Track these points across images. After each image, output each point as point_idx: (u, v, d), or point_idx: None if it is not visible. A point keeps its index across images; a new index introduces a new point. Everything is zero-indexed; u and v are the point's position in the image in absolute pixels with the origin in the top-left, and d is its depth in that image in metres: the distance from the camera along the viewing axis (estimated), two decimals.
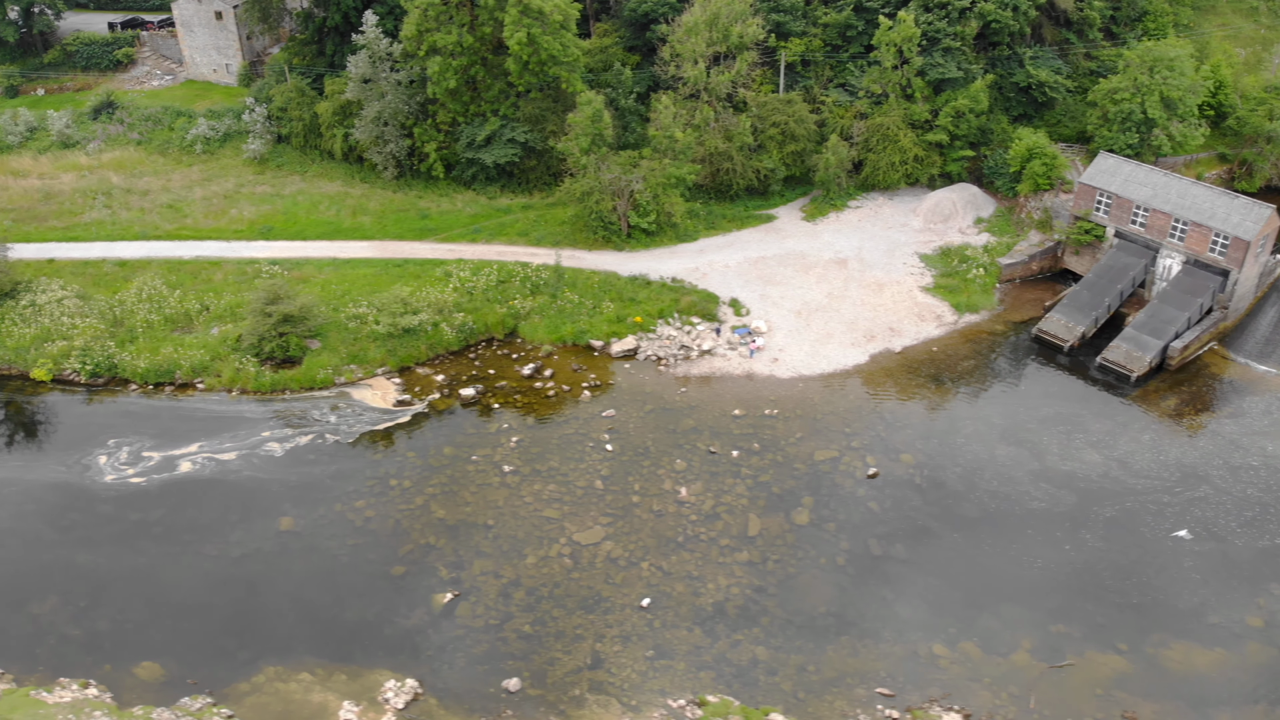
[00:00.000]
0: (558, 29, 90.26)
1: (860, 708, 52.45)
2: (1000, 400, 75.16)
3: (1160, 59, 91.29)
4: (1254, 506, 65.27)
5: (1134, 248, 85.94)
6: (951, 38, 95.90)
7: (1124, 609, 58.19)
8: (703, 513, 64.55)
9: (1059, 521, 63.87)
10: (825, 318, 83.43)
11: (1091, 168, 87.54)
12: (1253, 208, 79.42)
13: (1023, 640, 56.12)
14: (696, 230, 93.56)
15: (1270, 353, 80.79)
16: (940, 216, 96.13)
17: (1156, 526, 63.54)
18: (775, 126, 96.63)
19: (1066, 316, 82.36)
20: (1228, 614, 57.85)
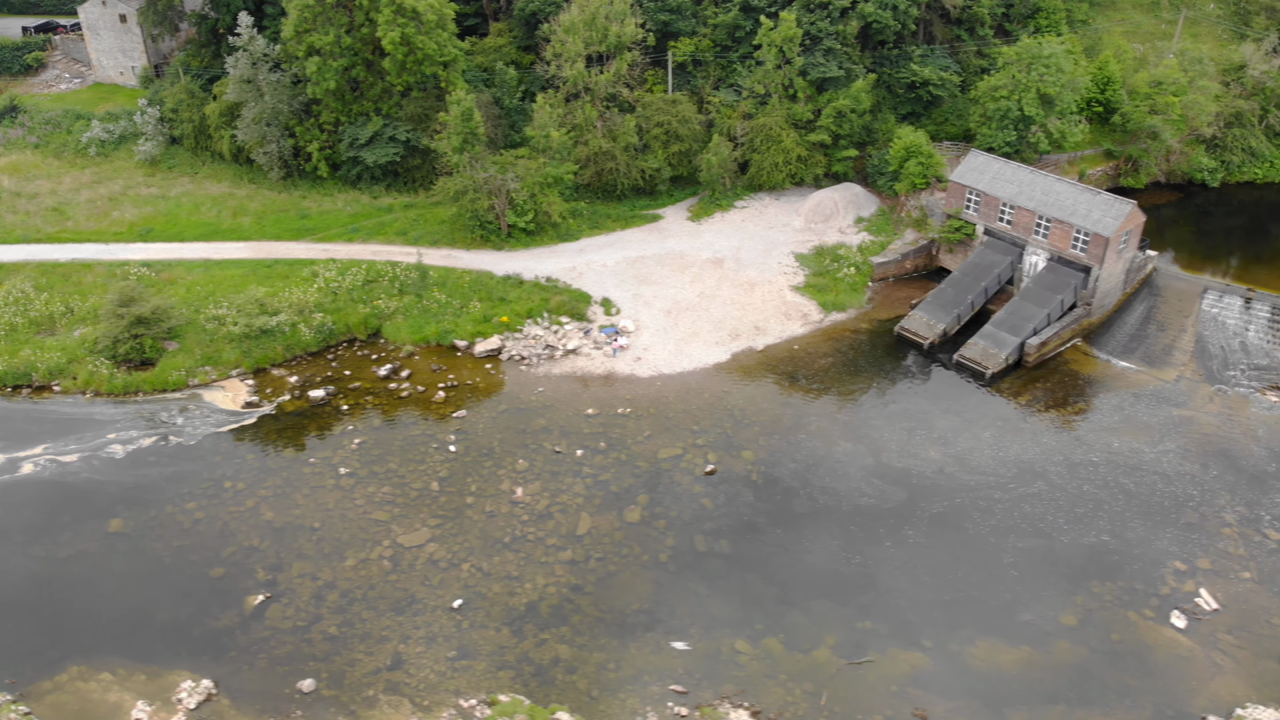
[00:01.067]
0: (433, 28, 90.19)
1: (651, 705, 52.37)
2: (850, 397, 75.19)
3: (1037, 56, 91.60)
4: (1087, 503, 65.38)
5: (1001, 245, 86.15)
6: (833, 38, 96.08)
7: (935, 605, 58.18)
8: (535, 513, 64.43)
9: (885, 518, 63.91)
10: (694, 317, 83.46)
11: (961, 166, 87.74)
12: (1113, 204, 79.62)
13: (827, 637, 56.05)
14: (579, 230, 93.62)
15: (1133, 349, 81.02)
16: (821, 216, 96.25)
17: (982, 523, 63.60)
18: (659, 126, 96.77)
19: (928, 314, 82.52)
20: (1041, 611, 57.87)
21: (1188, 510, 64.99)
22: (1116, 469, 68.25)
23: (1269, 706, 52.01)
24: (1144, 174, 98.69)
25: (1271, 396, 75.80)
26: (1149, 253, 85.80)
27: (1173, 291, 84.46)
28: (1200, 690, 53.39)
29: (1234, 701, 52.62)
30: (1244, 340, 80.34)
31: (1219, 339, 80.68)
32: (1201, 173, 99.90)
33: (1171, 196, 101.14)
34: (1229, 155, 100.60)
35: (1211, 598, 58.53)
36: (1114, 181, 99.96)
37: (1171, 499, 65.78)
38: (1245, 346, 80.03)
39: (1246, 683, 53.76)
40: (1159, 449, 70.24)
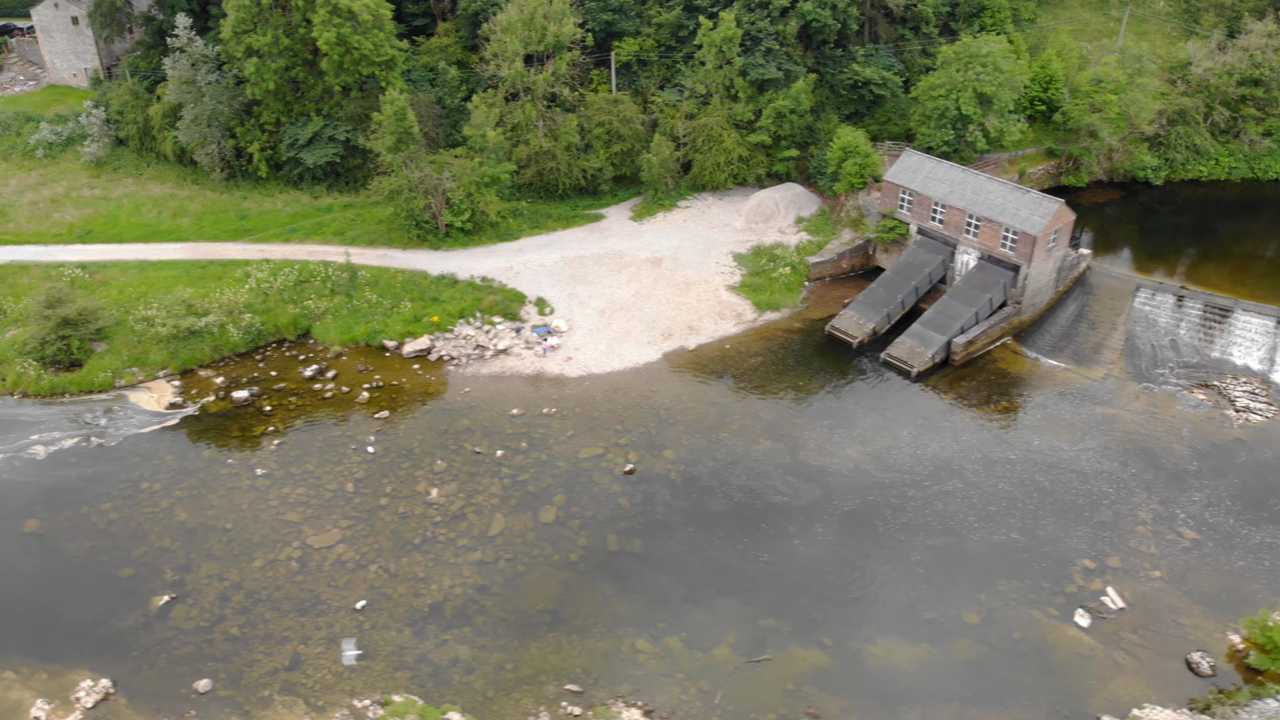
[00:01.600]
0: (369, 28, 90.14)
1: (545, 705, 52.36)
2: (776, 396, 75.17)
3: (975, 55, 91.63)
4: (1000, 501, 65.45)
5: (933, 244, 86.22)
6: (773, 38, 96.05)
7: (840, 603, 58.24)
8: (449, 514, 64.40)
9: (796, 516, 63.94)
10: (628, 316, 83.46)
11: (896, 165, 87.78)
12: (1041, 202, 79.67)
13: (728, 635, 56.06)
14: (519, 230, 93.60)
15: (1063, 348, 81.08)
16: (762, 216, 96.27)
17: (893, 521, 63.66)
18: (601, 126, 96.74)
19: (859, 313, 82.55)
20: (945, 609, 57.91)
21: (1102, 508, 65.06)
22: (1034, 467, 68.32)
23: (1167, 707, 52.00)
24: (1085, 172, 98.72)
25: (1199, 395, 75.88)
26: (1082, 251, 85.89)
27: (1106, 290, 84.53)
28: (1099, 690, 53.41)
29: (1132, 702, 52.65)
30: (1175, 338, 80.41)
31: (1150, 337, 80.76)
32: (1144, 171, 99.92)
33: (1114, 195, 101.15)
34: (1173, 153, 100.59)
35: (1118, 596, 58.59)
36: (1055, 180, 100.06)
37: (1087, 497, 65.85)
38: (1176, 345, 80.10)
39: (1147, 683, 53.80)
40: (1079, 447, 70.31)
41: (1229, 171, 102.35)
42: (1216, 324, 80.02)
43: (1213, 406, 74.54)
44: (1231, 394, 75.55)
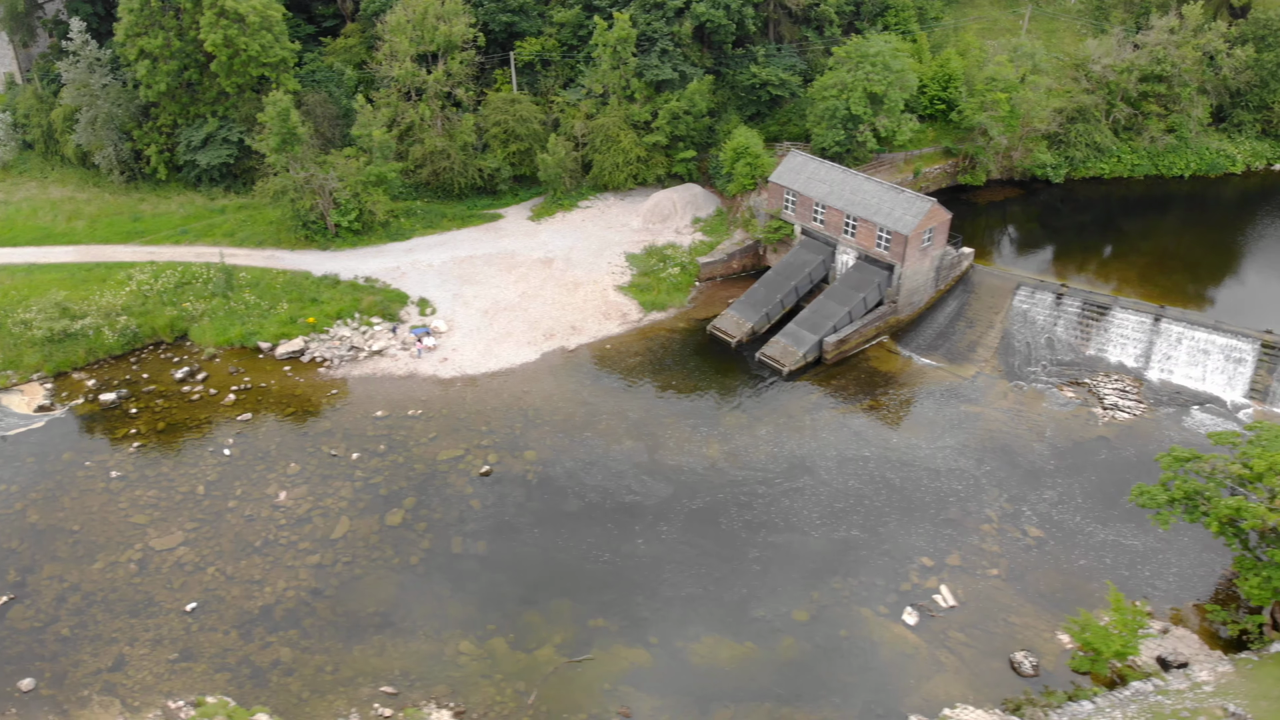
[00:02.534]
0: (257, 30, 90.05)
1: (358, 706, 52.43)
2: (646, 396, 75.28)
3: (864, 55, 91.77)
4: (847, 498, 65.61)
5: (815, 244, 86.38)
6: (668, 39, 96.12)
7: (673, 602, 58.32)
8: (295, 517, 64.41)
9: (644, 515, 64.06)
10: (510, 317, 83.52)
11: (781, 166, 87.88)
12: (913, 202, 79.82)
13: (555, 636, 56.15)
14: (412, 229, 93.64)
15: (938, 346, 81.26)
16: (660, 216, 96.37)
17: (738, 518, 63.77)
18: (498, 126, 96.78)
19: (739, 313, 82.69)
20: (775, 607, 58.08)
21: (950, 506, 65.25)
22: (887, 464, 68.49)
23: (980, 707, 52.13)
24: (981, 171, 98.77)
25: (1068, 392, 76.09)
26: (963, 250, 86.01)
27: (986, 288, 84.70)
28: (916, 689, 53.56)
29: (948, 701, 52.77)
30: (1051, 336, 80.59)
31: (1026, 335, 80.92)
32: (1043, 169, 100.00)
33: (1013, 193, 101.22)
34: (1073, 151, 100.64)
35: (951, 594, 58.76)
36: (952, 179, 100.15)
37: (936, 495, 66.03)
38: (1052, 343, 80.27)
39: (966, 682, 53.95)
40: (937, 445, 70.49)
41: (1132, 169, 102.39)
42: (1094, 321, 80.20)
43: (1080, 404, 74.76)
44: (1101, 392, 75.80)
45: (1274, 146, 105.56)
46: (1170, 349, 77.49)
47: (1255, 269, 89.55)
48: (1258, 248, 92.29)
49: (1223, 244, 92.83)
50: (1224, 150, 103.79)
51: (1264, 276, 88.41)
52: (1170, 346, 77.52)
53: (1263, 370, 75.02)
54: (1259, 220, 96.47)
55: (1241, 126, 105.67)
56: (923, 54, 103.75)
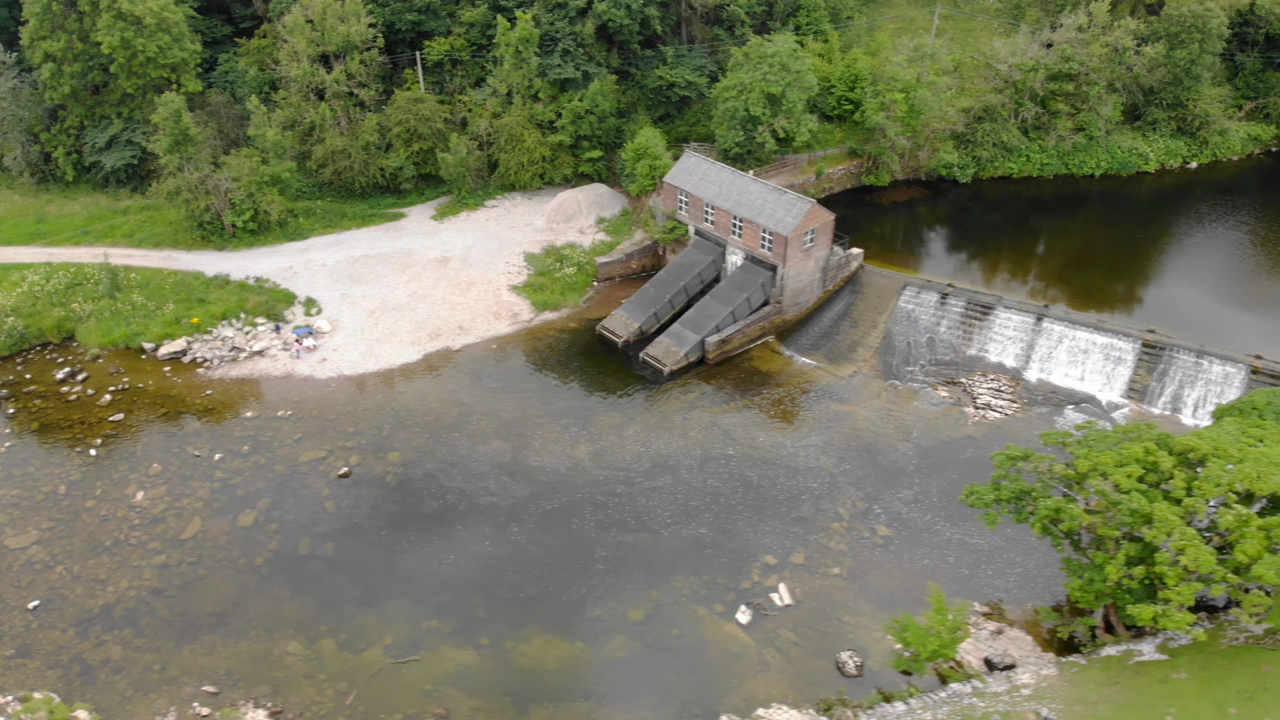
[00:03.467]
0: (154, 32, 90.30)
1: (178, 705, 52.57)
2: (523, 396, 75.35)
3: (763, 55, 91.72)
4: (703, 497, 65.61)
5: (707, 245, 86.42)
6: (571, 39, 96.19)
7: (511, 603, 58.40)
8: (150, 517, 64.51)
9: (496, 516, 64.12)
10: (397, 317, 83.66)
11: (675, 168, 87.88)
12: (794, 204, 79.80)
13: (386, 637, 56.21)
14: (311, 229, 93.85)
15: (820, 346, 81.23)
16: (564, 216, 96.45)
17: (590, 518, 63.77)
18: (400, 125, 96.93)
19: (628, 313, 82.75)
20: (612, 607, 58.09)
21: (804, 504, 65.24)
22: (749, 463, 68.50)
23: (796, 707, 52.05)
24: (885, 172, 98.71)
25: (943, 392, 76.03)
26: (852, 251, 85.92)
27: (874, 289, 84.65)
28: (738, 688, 53.55)
29: (766, 700, 52.73)
30: (934, 336, 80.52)
31: (908, 335, 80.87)
32: (949, 169, 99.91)
33: (918, 193, 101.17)
34: (980, 151, 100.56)
35: (788, 593, 58.74)
36: (857, 180, 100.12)
37: (792, 493, 66.04)
38: (933, 342, 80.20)
39: (789, 682, 53.93)
40: (802, 443, 70.50)
41: (1041, 168, 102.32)
42: (977, 321, 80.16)
43: (953, 404, 74.69)
44: (974, 391, 75.74)
45: (1189, 145, 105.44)
46: (1051, 349, 77.44)
47: (1154, 268, 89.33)
48: (1158, 247, 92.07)
49: (1125, 243, 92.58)
50: (1136, 149, 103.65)
51: (1162, 275, 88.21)
52: (1051, 346, 77.48)
53: (1142, 370, 74.95)
54: (1163, 219, 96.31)
55: (1156, 125, 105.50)
56: (832, 54, 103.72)
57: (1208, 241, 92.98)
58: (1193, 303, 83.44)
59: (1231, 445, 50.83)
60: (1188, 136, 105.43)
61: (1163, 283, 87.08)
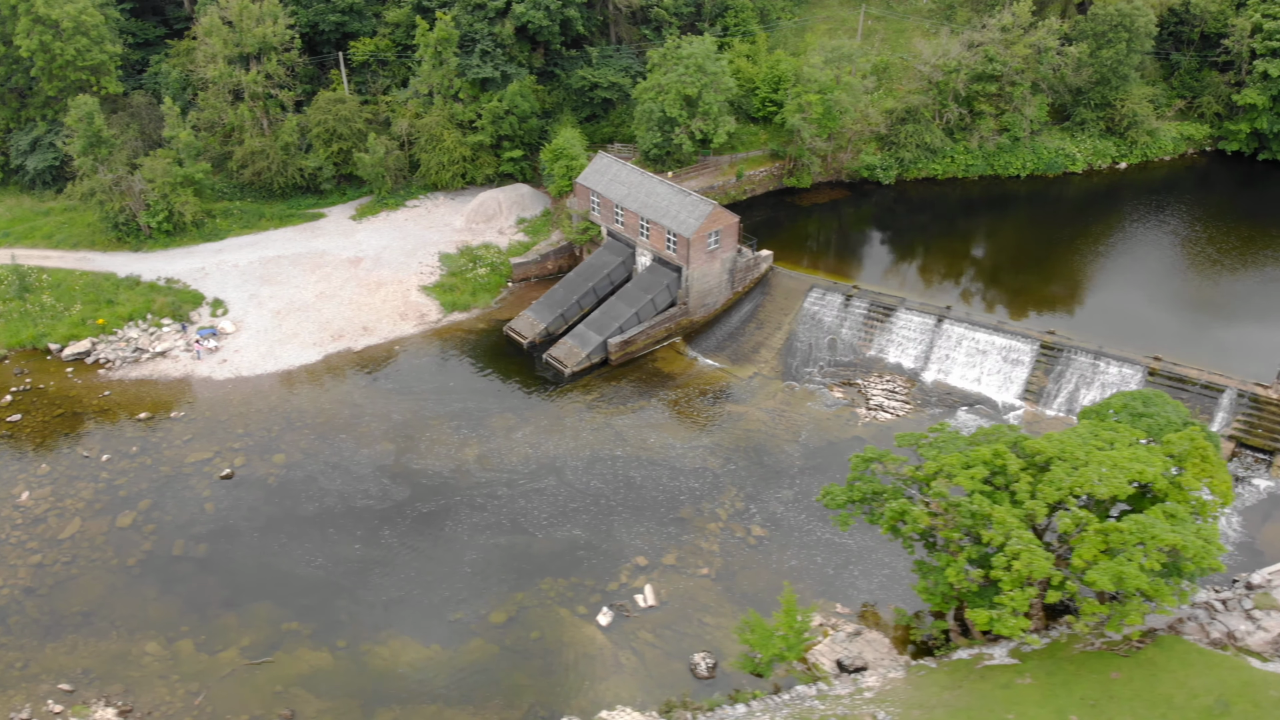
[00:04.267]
0: (72, 35, 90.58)
1: (33, 701, 52.62)
2: (419, 398, 75.35)
3: (679, 57, 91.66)
4: (584, 498, 65.60)
5: (618, 246, 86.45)
6: (490, 39, 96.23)
7: (374, 606, 58.41)
8: (33, 516, 64.62)
9: (371, 519, 64.17)
10: (302, 318, 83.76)
11: (588, 168, 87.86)
12: (697, 205, 79.75)
13: (245, 638, 56.26)
14: (229, 229, 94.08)
15: (725, 347, 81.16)
16: (484, 216, 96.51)
17: (465, 521, 63.79)
18: (320, 125, 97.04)
19: (535, 314, 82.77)
20: (475, 609, 58.09)
21: (684, 505, 65.19)
22: (635, 464, 68.48)
23: (640, 710, 51.80)
24: (806, 173, 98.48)
25: (838, 393, 75.91)
26: (761, 253, 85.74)
27: (782, 290, 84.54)
28: (588, 690, 53.49)
29: (615, 702, 52.67)
30: (836, 337, 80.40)
31: (811, 336, 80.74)
32: (871, 170, 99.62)
33: (840, 195, 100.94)
34: (903, 152, 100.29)
35: (653, 595, 58.69)
36: (778, 181, 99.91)
37: (673, 493, 66.00)
38: (835, 344, 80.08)
39: (640, 684, 53.83)
40: (692, 444, 70.46)
41: (966, 169, 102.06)
42: (879, 322, 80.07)
43: (847, 404, 74.59)
44: (868, 392, 75.61)
45: (1118, 145, 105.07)
46: (950, 350, 77.31)
47: (1068, 269, 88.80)
48: (1074, 249, 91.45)
49: (1041, 245, 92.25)
50: (1063, 149, 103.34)
51: (1076, 277, 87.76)
52: (950, 348, 77.35)
53: (1039, 371, 74.81)
54: (1083, 220, 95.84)
55: (1085, 125, 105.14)
56: (759, 56, 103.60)
57: (1125, 243, 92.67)
58: (1103, 304, 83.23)
59: (1079, 448, 50.63)
60: (1116, 137, 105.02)
61: (1076, 284, 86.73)
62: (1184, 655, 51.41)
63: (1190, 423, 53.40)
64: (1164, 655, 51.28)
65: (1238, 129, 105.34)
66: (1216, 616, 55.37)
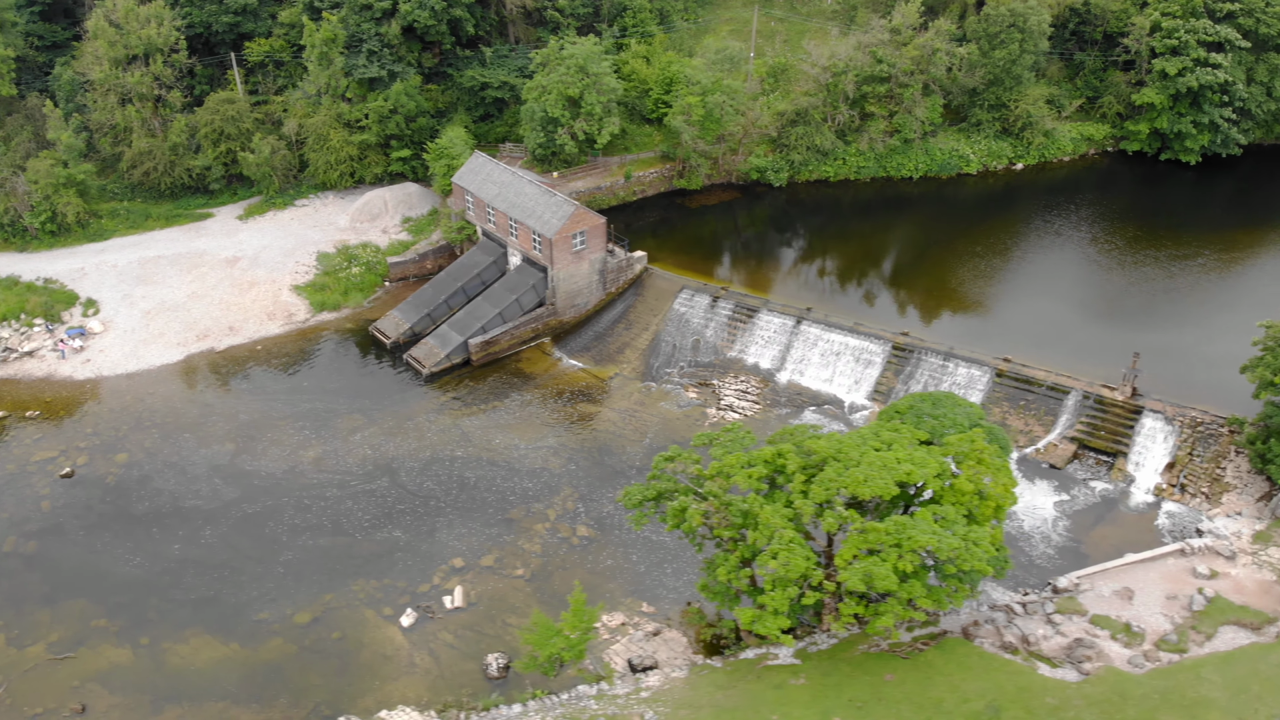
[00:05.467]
0: None
1: None
2: (271, 397, 75.51)
3: (564, 58, 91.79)
4: (413, 500, 65.76)
5: (491, 246, 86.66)
6: (376, 39, 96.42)
7: (183, 604, 58.60)
8: None
9: (196, 518, 64.39)
10: (170, 318, 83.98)
11: (464, 168, 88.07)
12: (560, 206, 79.90)
13: (53, 634, 56.46)
14: (115, 230, 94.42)
15: (591, 348, 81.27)
16: (369, 215, 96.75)
17: (288, 521, 63.98)
18: (208, 125, 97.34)
19: (401, 314, 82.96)
20: (281, 610, 58.20)
21: (514, 506, 65.32)
22: (473, 464, 68.61)
23: (421, 710, 51.80)
24: (696, 175, 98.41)
25: (693, 393, 75.98)
26: (635, 254, 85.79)
27: (655, 291, 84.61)
28: (376, 690, 53.51)
29: (400, 702, 52.76)
30: (701, 338, 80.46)
31: (676, 337, 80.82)
32: (761, 173, 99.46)
33: (730, 197, 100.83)
34: (794, 154, 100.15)
35: (462, 596, 58.79)
36: (669, 183, 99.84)
37: (505, 494, 66.13)
38: (698, 344, 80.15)
39: (430, 684, 53.83)
40: (536, 445, 70.58)
41: (858, 171, 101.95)
42: (742, 323, 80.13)
43: (699, 404, 74.67)
44: (722, 393, 75.64)
45: (1014, 146, 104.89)
46: (806, 351, 77.35)
47: (942, 270, 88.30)
48: (954, 250, 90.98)
49: (923, 246, 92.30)
50: (957, 150, 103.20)
51: (949, 278, 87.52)
52: (807, 348, 77.38)
53: (889, 372, 74.85)
54: (970, 222, 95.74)
55: (980, 126, 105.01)
56: (654, 57, 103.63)
57: (1005, 244, 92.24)
58: (973, 305, 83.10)
59: (855, 449, 50.67)
60: (1012, 138, 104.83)
61: (949, 286, 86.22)
62: (964, 659, 51.49)
63: (979, 425, 53.42)
64: (944, 658, 51.38)
65: (1138, 129, 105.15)
66: (1015, 620, 55.47)
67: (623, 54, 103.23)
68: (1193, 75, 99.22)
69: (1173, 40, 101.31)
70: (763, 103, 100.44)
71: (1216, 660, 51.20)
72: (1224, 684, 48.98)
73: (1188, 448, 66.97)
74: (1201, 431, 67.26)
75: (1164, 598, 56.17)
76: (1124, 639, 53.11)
